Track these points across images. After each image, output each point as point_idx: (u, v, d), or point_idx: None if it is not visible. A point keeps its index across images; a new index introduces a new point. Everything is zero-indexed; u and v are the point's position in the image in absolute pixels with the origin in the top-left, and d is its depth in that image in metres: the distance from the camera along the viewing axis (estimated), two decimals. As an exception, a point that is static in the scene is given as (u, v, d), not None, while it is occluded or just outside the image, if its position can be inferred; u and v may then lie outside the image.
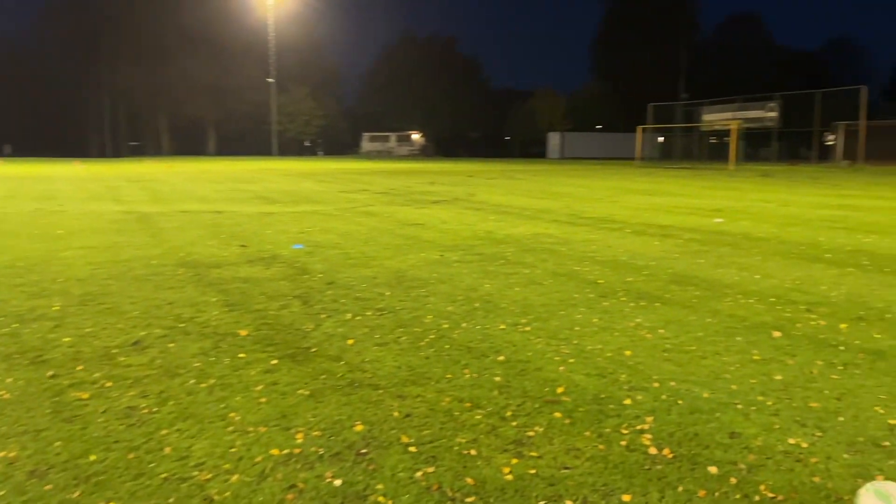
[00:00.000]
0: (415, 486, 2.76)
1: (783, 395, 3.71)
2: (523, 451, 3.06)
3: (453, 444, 3.13)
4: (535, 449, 3.09)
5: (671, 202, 16.20)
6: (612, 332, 4.99)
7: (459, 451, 3.06)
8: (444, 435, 3.23)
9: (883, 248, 8.74)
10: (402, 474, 2.85)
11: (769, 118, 46.21)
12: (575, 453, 3.05)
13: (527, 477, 2.83)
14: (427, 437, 3.21)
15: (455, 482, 2.78)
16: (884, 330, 4.97)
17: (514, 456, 3.02)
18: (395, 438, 3.19)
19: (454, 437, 3.21)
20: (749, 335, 4.88)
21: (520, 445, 3.12)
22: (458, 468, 2.90)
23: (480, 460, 2.97)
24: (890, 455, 2.99)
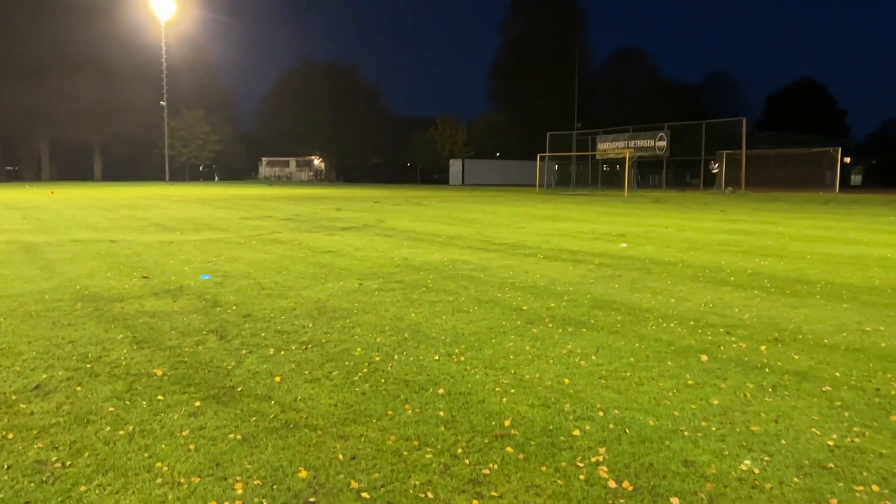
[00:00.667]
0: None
1: (724, 419, 3.76)
2: (482, 492, 2.93)
3: (407, 487, 2.96)
4: (494, 488, 2.96)
5: (576, 228, 16.63)
6: (547, 359, 4.96)
7: (416, 495, 2.89)
8: (396, 477, 3.05)
9: (780, 271, 9.24)
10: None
11: (659, 147, 48.73)
12: (535, 491, 2.94)
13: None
14: (378, 481, 3.01)
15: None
16: (800, 351, 5.18)
17: (474, 496, 2.88)
18: (345, 484, 2.98)
19: (407, 479, 3.04)
20: (678, 359, 4.96)
21: (477, 485, 2.99)
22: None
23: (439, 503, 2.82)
24: (837, 477, 3.06)
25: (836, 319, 6.29)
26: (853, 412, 3.86)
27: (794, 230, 15.79)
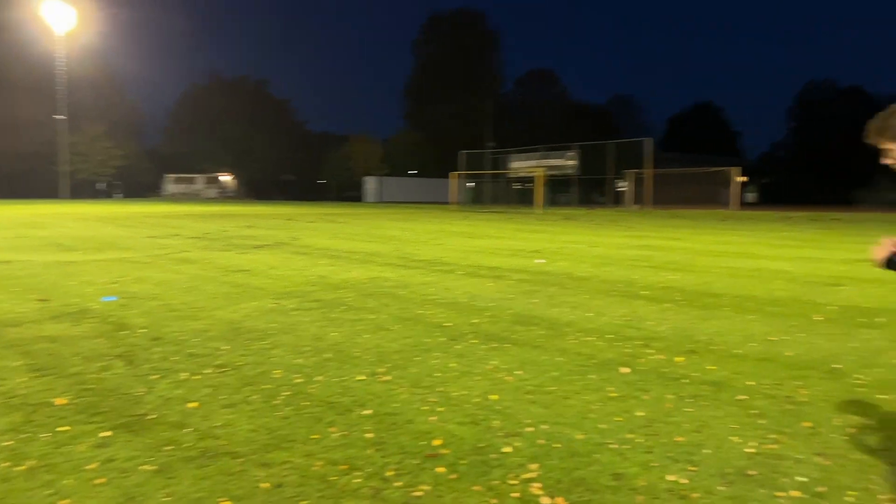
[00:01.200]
0: (305, 570, 2.43)
1: (649, 431, 3.82)
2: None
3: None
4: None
5: (493, 244, 16.81)
6: (473, 376, 4.93)
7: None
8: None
9: (689, 285, 9.60)
10: (287, 557, 2.51)
11: (569, 166, 50.23)
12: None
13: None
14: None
15: (350, 560, 2.49)
16: (714, 361, 5.36)
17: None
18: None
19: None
20: (601, 372, 5.03)
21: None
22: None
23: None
24: (759, 484, 3.15)
25: (745, 330, 6.56)
26: (768, 419, 4.00)
27: (699, 245, 16.51)
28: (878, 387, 4.68)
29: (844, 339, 6.15)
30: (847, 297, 8.47)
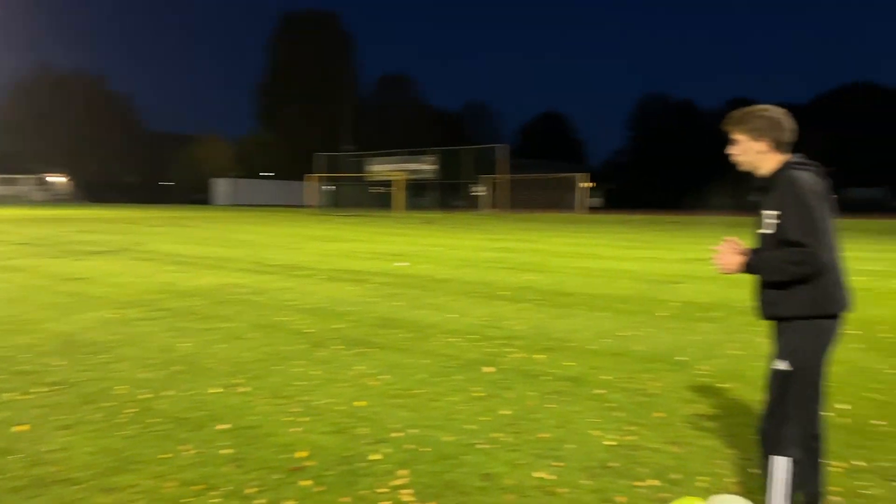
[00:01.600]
0: None
1: (514, 429, 3.86)
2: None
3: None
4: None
5: (353, 248, 16.61)
6: (337, 383, 4.77)
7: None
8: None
9: (544, 285, 9.95)
10: None
11: (428, 170, 50.83)
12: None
13: (293, 564, 2.45)
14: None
15: (209, 589, 2.29)
16: (572, 358, 5.55)
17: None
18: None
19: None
20: (465, 373, 5.05)
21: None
22: (207, 570, 2.40)
23: (233, 555, 2.51)
24: (620, 475, 3.26)
25: (597, 327, 6.87)
26: (624, 412, 4.18)
27: (551, 247, 17.22)
28: (719, 376, 5.03)
29: (686, 333, 6.60)
30: (686, 294, 9.12)
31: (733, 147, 2.58)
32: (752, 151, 2.52)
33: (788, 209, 2.37)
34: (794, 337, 2.43)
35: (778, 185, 2.45)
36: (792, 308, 2.43)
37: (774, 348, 2.52)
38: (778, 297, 2.45)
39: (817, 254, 2.33)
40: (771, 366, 2.49)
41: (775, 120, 2.48)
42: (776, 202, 2.43)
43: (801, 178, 2.43)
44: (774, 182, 2.48)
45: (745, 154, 2.54)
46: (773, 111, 2.50)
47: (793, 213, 2.36)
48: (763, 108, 2.51)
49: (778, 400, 2.44)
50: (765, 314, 2.54)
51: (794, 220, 2.35)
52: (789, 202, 2.37)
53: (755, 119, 2.49)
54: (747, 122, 2.51)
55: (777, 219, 2.43)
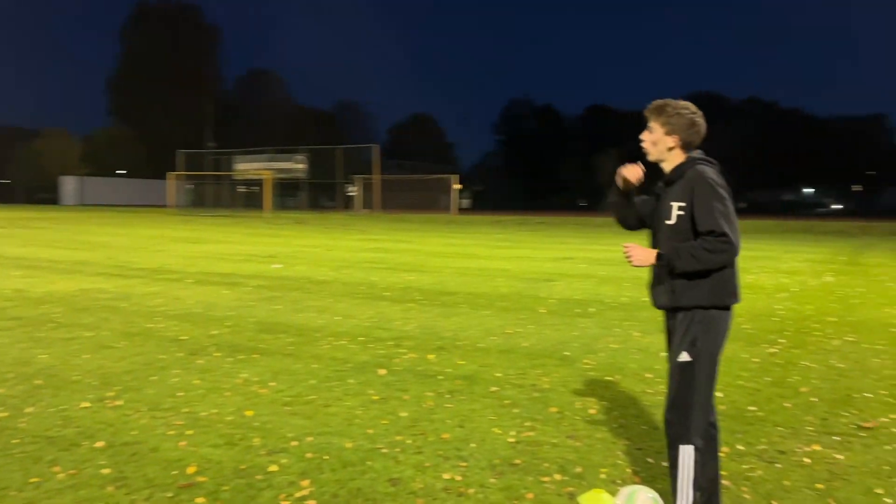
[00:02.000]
0: None
1: (416, 431, 3.80)
2: (177, 559, 2.45)
3: (76, 575, 2.33)
4: (191, 552, 2.50)
5: (222, 250, 15.89)
6: (222, 392, 4.50)
7: (89, 583, 2.29)
8: (58, 565, 2.39)
9: (426, 284, 9.96)
10: None
11: (298, 169, 49.60)
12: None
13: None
14: (32, 575, 2.33)
15: None
16: (463, 356, 5.57)
17: (168, 568, 2.39)
18: (-18, 590, 2.24)
19: (73, 564, 2.40)
20: (358, 376, 4.93)
21: (169, 552, 2.50)
22: None
23: (125, 587, 2.27)
24: (525, 471, 3.27)
25: (483, 325, 6.95)
26: (521, 408, 4.23)
27: (428, 247, 17.31)
28: (603, 370, 5.22)
29: (567, 329, 6.81)
30: (561, 291, 9.43)
31: (647, 134, 2.63)
32: (662, 144, 2.58)
33: (703, 200, 2.45)
34: (693, 327, 2.53)
35: (686, 178, 2.53)
36: (694, 298, 2.53)
37: (674, 338, 2.60)
38: (681, 288, 2.53)
39: (734, 242, 2.44)
40: (674, 357, 2.57)
41: (692, 121, 2.56)
42: (683, 194, 2.51)
43: (709, 172, 2.53)
44: (682, 174, 2.56)
45: (655, 144, 2.60)
46: (692, 111, 2.57)
47: (708, 204, 2.44)
48: (684, 106, 2.58)
49: (681, 390, 2.53)
50: (666, 304, 2.61)
51: (711, 211, 2.44)
52: (705, 193, 2.46)
53: (675, 115, 2.55)
54: (667, 114, 2.57)
55: (683, 210, 2.51)
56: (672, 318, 2.64)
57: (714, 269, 2.47)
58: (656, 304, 2.68)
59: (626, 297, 8.90)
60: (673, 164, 2.61)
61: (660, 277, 2.62)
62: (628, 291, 9.37)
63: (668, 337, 2.75)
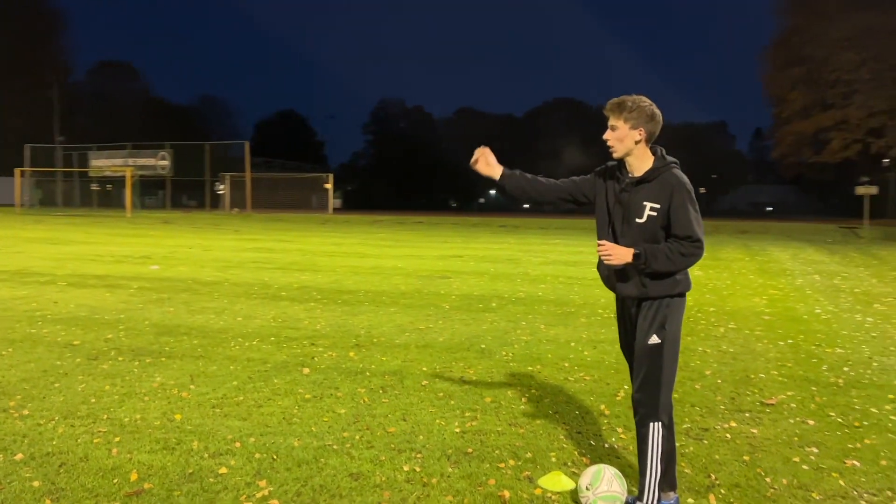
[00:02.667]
0: None
1: (360, 426, 3.77)
2: (149, 569, 2.31)
3: None
4: (162, 560, 2.37)
5: (89, 251, 14.81)
6: (140, 396, 4.25)
7: None
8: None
9: (322, 284, 9.80)
10: None
11: (161, 166, 46.90)
12: (214, 549, 2.46)
13: None
14: None
15: None
16: (384, 353, 5.56)
17: (142, 579, 2.25)
18: None
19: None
20: (283, 376, 4.80)
21: (137, 563, 2.35)
22: None
23: None
24: (481, 459, 3.34)
25: (393, 322, 6.96)
26: (456, 400, 4.29)
27: (311, 246, 17.00)
28: (523, 361, 5.39)
29: (477, 323, 6.96)
30: (459, 288, 9.60)
31: (610, 133, 2.75)
32: (629, 139, 2.71)
33: (682, 206, 2.61)
34: (661, 313, 2.70)
35: (662, 180, 2.68)
36: (661, 289, 2.70)
37: (641, 324, 2.76)
38: (651, 282, 2.70)
39: (704, 246, 2.63)
40: (643, 341, 2.73)
41: (652, 112, 2.71)
42: (659, 196, 2.66)
43: (685, 177, 2.70)
44: (657, 176, 2.70)
45: (622, 141, 2.73)
46: (649, 102, 2.72)
47: (687, 210, 2.61)
48: (641, 99, 2.72)
49: (651, 370, 2.70)
50: (634, 295, 2.76)
51: (689, 217, 2.60)
52: (684, 200, 2.62)
53: (636, 109, 2.69)
54: (628, 110, 2.69)
55: (655, 211, 2.66)
56: (636, 306, 2.79)
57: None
58: (622, 294, 2.83)
59: (522, 292, 9.21)
60: (641, 158, 2.74)
61: (629, 273, 2.75)
62: (523, 287, 9.69)
63: (625, 323, 2.91)
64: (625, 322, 2.90)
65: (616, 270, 2.78)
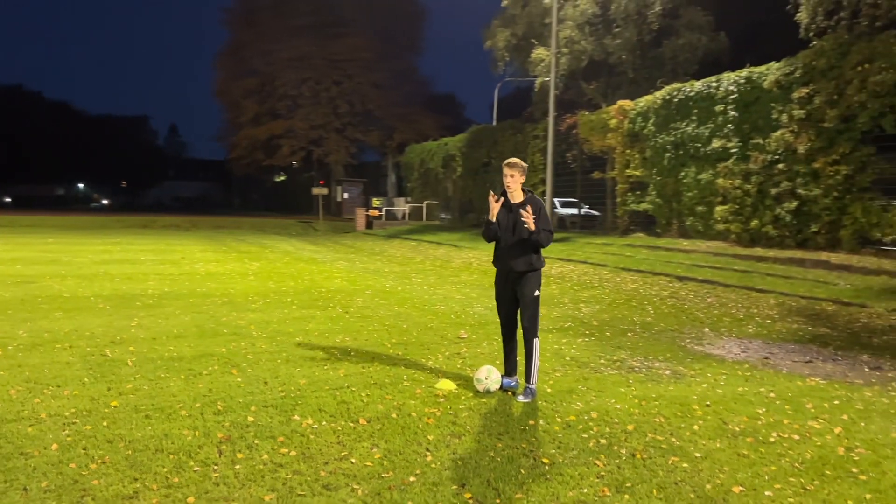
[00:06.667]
0: None
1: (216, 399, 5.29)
2: None
3: None
4: None
5: None
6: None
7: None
8: None
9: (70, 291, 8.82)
10: None
11: None
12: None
13: None
14: None
15: None
16: (133, 351, 6.56)
17: None
18: None
19: None
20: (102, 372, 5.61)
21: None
22: None
23: None
24: (390, 386, 5.39)
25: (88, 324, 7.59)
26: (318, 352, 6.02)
27: None
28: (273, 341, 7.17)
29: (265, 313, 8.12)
30: (157, 288, 9.95)
31: (511, 179, 5.17)
32: (518, 183, 5.21)
33: (544, 212, 5.16)
34: (535, 278, 5.22)
35: (532, 201, 5.17)
36: (537, 263, 5.25)
37: (525, 287, 5.19)
38: (534, 259, 5.21)
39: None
40: (529, 295, 5.19)
41: (526, 167, 5.28)
42: (534, 209, 5.13)
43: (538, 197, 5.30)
44: (529, 199, 5.19)
45: (516, 183, 5.19)
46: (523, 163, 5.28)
47: (546, 215, 5.18)
48: (522, 160, 5.27)
49: (534, 310, 5.21)
50: (525, 269, 5.20)
51: (548, 218, 5.20)
52: (544, 208, 5.18)
53: (523, 166, 5.21)
54: (521, 166, 5.18)
55: (537, 215, 5.14)
56: (521, 276, 5.23)
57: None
58: (516, 270, 5.23)
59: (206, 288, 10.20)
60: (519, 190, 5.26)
61: (519, 253, 5.19)
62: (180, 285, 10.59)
63: (505, 289, 5.29)
64: (506, 288, 5.38)
65: (509, 256, 5.23)
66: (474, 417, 4.60)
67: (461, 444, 4.05)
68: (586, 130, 21.32)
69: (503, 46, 25.56)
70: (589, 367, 6.16)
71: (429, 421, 4.48)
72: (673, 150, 17.86)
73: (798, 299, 10.36)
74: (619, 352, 6.84)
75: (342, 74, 44.31)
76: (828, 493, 3.49)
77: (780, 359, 6.75)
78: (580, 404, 4.97)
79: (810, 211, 14.06)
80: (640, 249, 17.27)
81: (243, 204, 78.52)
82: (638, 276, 13.73)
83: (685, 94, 17.52)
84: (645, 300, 10.65)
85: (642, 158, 19.20)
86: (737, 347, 7.27)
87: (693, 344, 7.38)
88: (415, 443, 4.07)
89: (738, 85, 15.85)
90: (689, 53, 22.65)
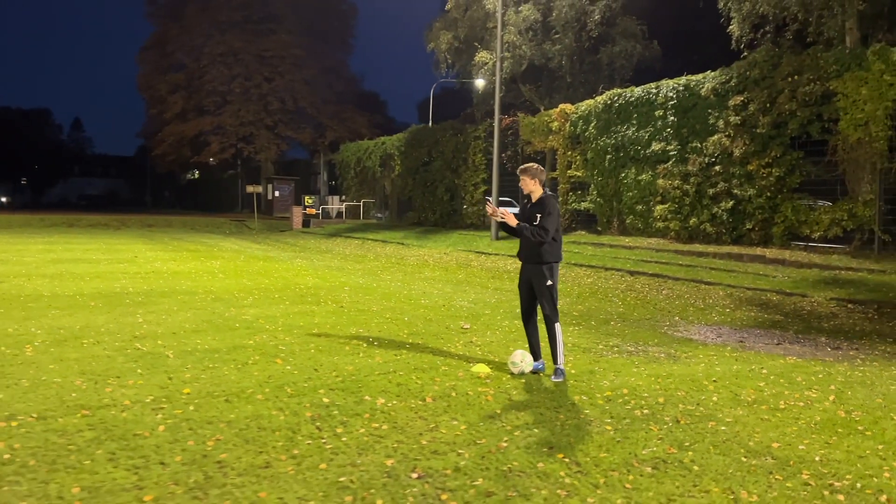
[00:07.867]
0: None
1: (329, 368, 5.66)
2: None
3: None
4: None
5: None
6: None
7: None
8: None
9: None
10: None
11: None
12: (426, 414, 4.56)
13: None
14: None
15: None
16: (165, 345, 6.78)
17: None
18: None
19: None
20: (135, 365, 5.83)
21: None
22: None
23: None
24: (428, 370, 5.83)
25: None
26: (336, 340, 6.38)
27: None
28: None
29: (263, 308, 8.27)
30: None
31: (522, 183, 5.68)
32: (529, 186, 5.72)
33: (548, 212, 5.64)
34: (547, 270, 5.76)
35: (543, 201, 5.69)
36: (548, 257, 5.77)
37: (537, 277, 5.71)
38: (543, 252, 5.73)
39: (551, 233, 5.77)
40: (544, 283, 5.72)
41: (542, 169, 5.79)
42: (542, 209, 5.67)
43: (553, 199, 5.82)
44: (541, 199, 5.71)
45: (528, 186, 5.70)
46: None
47: (549, 214, 5.67)
48: (534, 165, 5.77)
49: (551, 297, 5.74)
50: (534, 261, 5.74)
51: (548, 218, 5.69)
52: (551, 210, 5.68)
53: (536, 170, 5.71)
54: (530, 171, 5.68)
55: (542, 214, 5.68)
56: (533, 268, 5.77)
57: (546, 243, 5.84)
58: (528, 262, 5.77)
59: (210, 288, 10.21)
60: (538, 192, 5.77)
61: (533, 248, 5.72)
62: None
63: (522, 279, 5.83)
64: (523, 279, 5.90)
65: (527, 250, 5.77)
66: (525, 395, 5.12)
67: (528, 416, 4.55)
68: (528, 132, 22.17)
69: (446, 49, 26.15)
70: (592, 352, 6.77)
71: (488, 398, 4.96)
72: (614, 153, 18.91)
73: (744, 290, 11.38)
74: (612, 339, 7.50)
75: (273, 71, 43.91)
76: (847, 445, 4.19)
77: (752, 342, 7.58)
78: (606, 382, 5.56)
79: (745, 210, 15.29)
80: (585, 246, 18.22)
81: (155, 202, 76.44)
82: (591, 270, 14.56)
83: (626, 100, 18.60)
84: (608, 293, 11.44)
85: (584, 160, 20.20)
86: (711, 333, 8.08)
87: (671, 330, 8.14)
88: (487, 416, 4.55)
89: (676, 91, 17.00)
90: (625, 60, 23.92)
